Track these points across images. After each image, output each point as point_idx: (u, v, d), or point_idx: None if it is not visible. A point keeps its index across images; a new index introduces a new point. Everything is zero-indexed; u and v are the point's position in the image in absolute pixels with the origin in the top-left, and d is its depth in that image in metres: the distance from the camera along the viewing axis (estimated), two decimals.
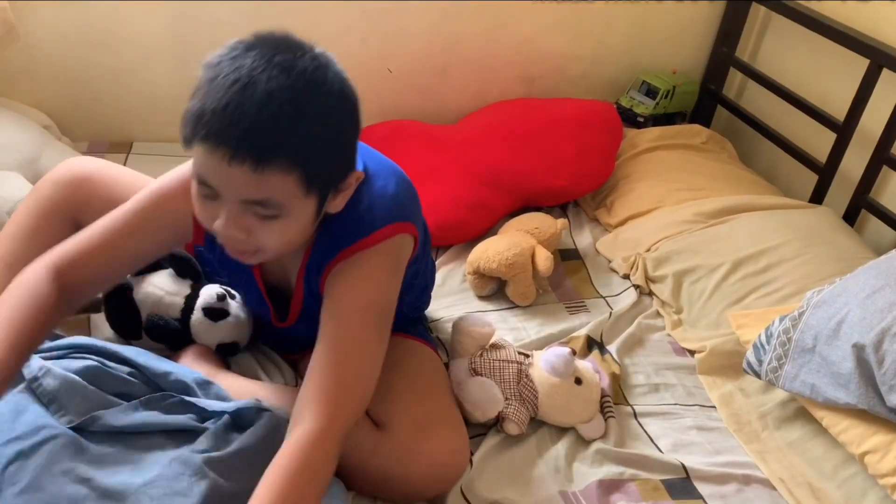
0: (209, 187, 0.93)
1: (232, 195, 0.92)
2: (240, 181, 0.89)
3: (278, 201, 0.92)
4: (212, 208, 0.95)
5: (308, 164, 0.91)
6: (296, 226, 0.97)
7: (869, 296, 1.26)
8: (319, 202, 0.98)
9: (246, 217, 0.94)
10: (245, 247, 0.98)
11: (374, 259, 1.06)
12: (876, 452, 1.20)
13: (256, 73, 0.87)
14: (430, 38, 2.13)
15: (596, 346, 1.53)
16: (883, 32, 1.81)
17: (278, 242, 0.98)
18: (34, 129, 1.81)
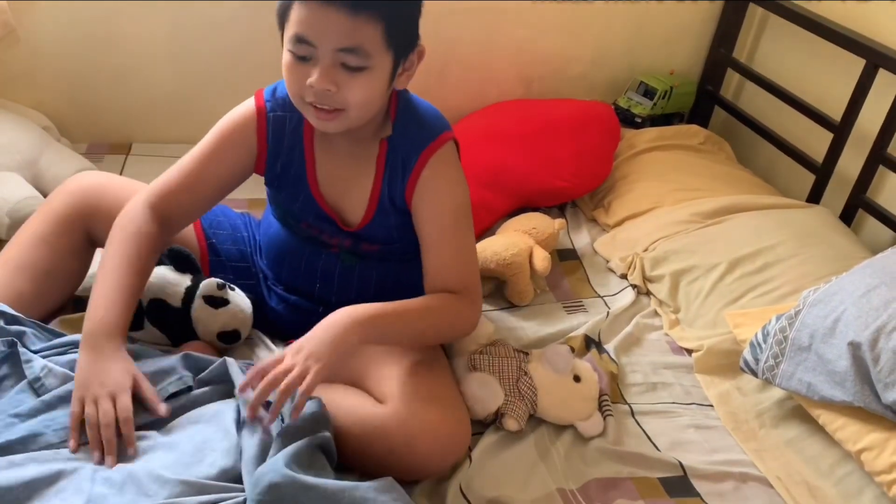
0: (307, 44, 1.07)
1: (328, 45, 1.06)
2: (337, 27, 1.05)
3: (367, 50, 1.07)
4: (304, 69, 1.09)
5: (392, 17, 1.07)
6: (377, 82, 1.11)
7: (864, 294, 1.27)
8: (394, 65, 1.13)
9: (337, 70, 1.08)
10: (333, 103, 1.11)
11: (449, 159, 1.24)
12: (872, 450, 1.21)
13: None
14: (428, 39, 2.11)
15: (594, 345, 1.53)
16: (879, 33, 1.82)
17: (361, 99, 1.11)
18: (34, 130, 1.82)
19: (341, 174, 1.28)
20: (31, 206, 1.55)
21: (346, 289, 1.35)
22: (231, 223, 1.48)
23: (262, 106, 1.26)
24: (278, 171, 1.29)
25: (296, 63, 1.10)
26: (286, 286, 1.40)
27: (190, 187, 1.25)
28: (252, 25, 1.96)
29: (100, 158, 1.96)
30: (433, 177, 1.22)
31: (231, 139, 1.26)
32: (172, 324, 1.31)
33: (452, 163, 1.26)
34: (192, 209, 1.30)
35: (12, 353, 1.07)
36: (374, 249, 1.32)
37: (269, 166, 1.29)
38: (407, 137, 1.22)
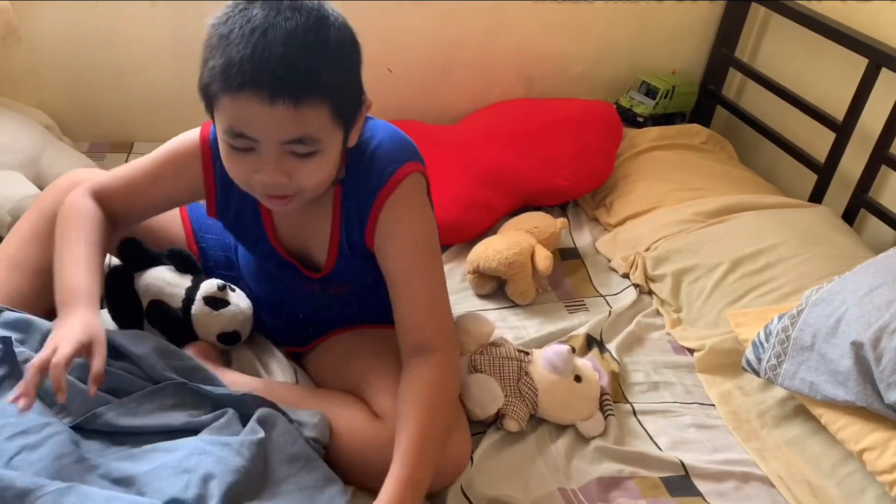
0: (246, 138, 0.97)
1: (272, 139, 0.97)
2: (280, 121, 0.94)
3: (315, 136, 0.98)
4: (247, 162, 1.00)
5: (336, 94, 0.98)
6: (329, 161, 1.03)
7: (867, 294, 1.26)
8: (344, 134, 1.04)
9: (286, 160, 0.99)
10: (286, 191, 1.03)
11: (411, 193, 1.14)
12: (874, 449, 1.20)
13: (271, 18, 0.93)
14: (430, 39, 2.14)
15: (595, 344, 1.53)
16: (882, 32, 1.81)
17: (315, 180, 1.03)
18: (35, 129, 1.82)
19: (298, 223, 1.21)
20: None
21: (329, 311, 1.33)
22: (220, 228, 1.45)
23: (207, 150, 1.17)
24: (232, 219, 1.23)
25: (235, 155, 1.00)
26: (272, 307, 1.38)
27: (130, 196, 1.21)
28: None
29: (101, 157, 1.96)
30: (391, 220, 1.13)
31: (175, 168, 1.19)
32: (172, 325, 1.30)
33: (411, 201, 1.15)
34: (131, 215, 1.25)
35: (8, 352, 1.07)
36: (346, 290, 1.29)
37: (221, 211, 1.23)
38: (360, 181, 1.13)
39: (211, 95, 0.97)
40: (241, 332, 1.33)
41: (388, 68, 2.13)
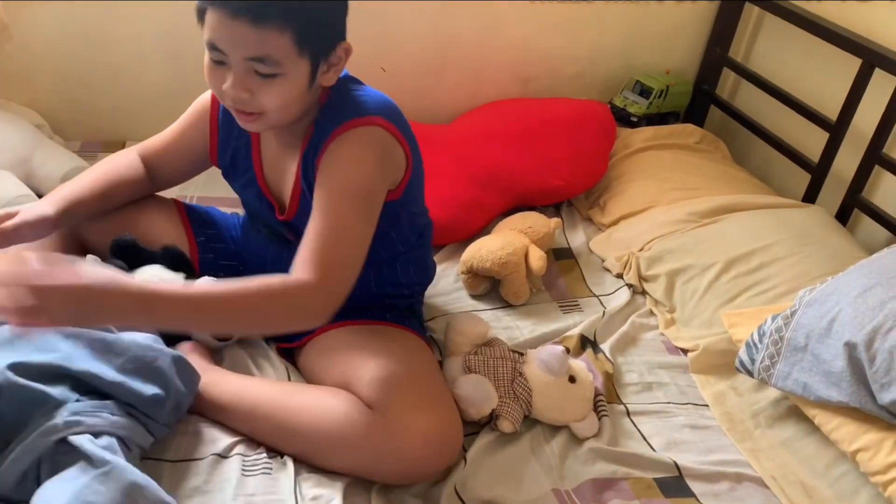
0: (218, 51, 1.08)
1: (237, 54, 1.06)
2: (242, 37, 1.04)
3: (276, 58, 1.06)
4: (220, 73, 1.10)
5: (301, 23, 1.06)
6: (293, 88, 1.11)
7: (860, 294, 1.26)
8: (312, 67, 1.11)
9: (249, 77, 1.08)
10: (250, 108, 1.11)
11: (361, 140, 1.17)
12: (867, 450, 1.21)
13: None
14: (424, 38, 2.13)
15: (589, 344, 1.53)
16: (875, 32, 1.82)
17: (277, 104, 1.11)
18: (26, 128, 1.81)
19: (278, 162, 1.29)
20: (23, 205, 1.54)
21: None
22: (220, 222, 1.48)
23: (215, 99, 1.31)
24: (228, 161, 1.35)
25: (213, 66, 1.11)
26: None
27: (165, 153, 1.37)
28: None
29: (93, 156, 1.94)
30: (336, 149, 1.16)
31: (191, 121, 1.35)
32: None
33: (367, 145, 1.17)
34: (169, 173, 1.40)
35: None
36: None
37: (221, 154, 1.35)
38: (328, 119, 1.20)
39: (200, 10, 1.09)
40: None
41: (382, 68, 2.12)
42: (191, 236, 1.42)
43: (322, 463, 1.15)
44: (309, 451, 1.15)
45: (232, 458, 1.14)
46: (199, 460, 1.13)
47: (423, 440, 1.11)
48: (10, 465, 0.95)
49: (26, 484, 0.96)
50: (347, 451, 1.12)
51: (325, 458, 1.14)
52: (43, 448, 0.94)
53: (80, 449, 0.94)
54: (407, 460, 1.11)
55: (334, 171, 1.16)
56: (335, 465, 1.14)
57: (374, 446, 1.11)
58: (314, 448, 1.15)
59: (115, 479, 0.91)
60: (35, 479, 0.96)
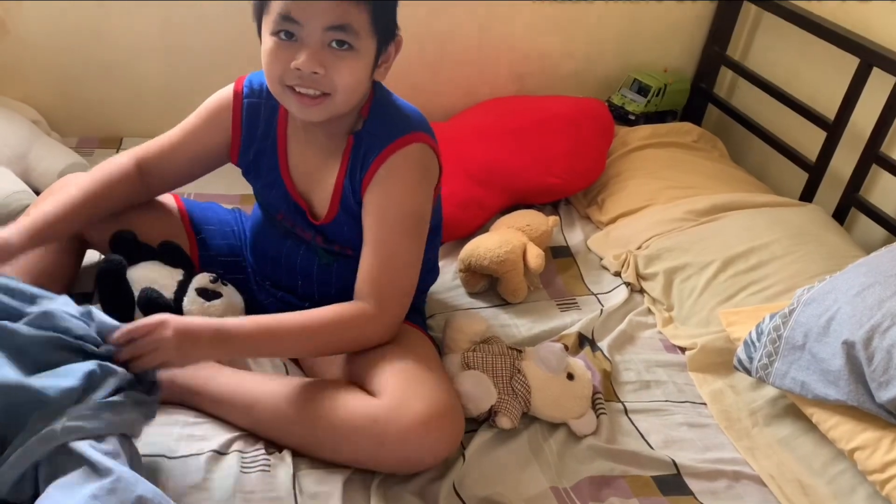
0: (293, 22, 1.07)
1: (316, 23, 1.07)
2: (325, 5, 1.06)
3: (355, 29, 1.08)
4: (289, 52, 1.09)
5: (377, 4, 1.10)
6: (362, 67, 1.13)
7: (858, 293, 1.27)
8: (377, 51, 1.15)
9: (324, 52, 1.09)
10: (319, 87, 1.11)
11: (413, 161, 1.21)
12: (865, 449, 1.21)
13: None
14: (421, 36, 2.13)
15: (587, 343, 1.53)
16: (873, 31, 1.82)
17: (348, 80, 1.12)
18: (23, 124, 1.80)
19: (311, 166, 1.28)
20: (20, 201, 1.54)
21: (327, 285, 1.34)
22: (220, 218, 1.48)
23: (239, 91, 1.29)
24: (251, 159, 1.32)
25: (280, 45, 1.10)
26: (272, 282, 1.40)
27: (168, 155, 1.32)
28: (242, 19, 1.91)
29: (90, 153, 1.94)
30: (388, 175, 1.19)
31: (208, 119, 1.31)
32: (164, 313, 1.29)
33: (415, 167, 1.22)
34: (169, 176, 1.36)
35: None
36: (347, 252, 1.30)
37: (243, 152, 1.32)
38: (374, 132, 1.20)
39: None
40: None
41: None
42: (190, 232, 1.42)
43: (324, 453, 1.15)
44: (311, 442, 1.15)
45: (230, 454, 1.13)
46: (198, 456, 1.12)
47: (425, 424, 1.11)
48: (7, 470, 0.93)
49: (23, 485, 0.94)
50: (350, 437, 1.12)
51: (328, 447, 1.14)
52: (41, 454, 0.93)
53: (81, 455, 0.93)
54: (408, 444, 1.10)
55: (388, 199, 1.19)
56: (337, 454, 1.14)
57: (379, 432, 1.10)
58: (316, 438, 1.14)
59: (122, 493, 0.89)
60: (33, 480, 0.94)
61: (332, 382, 1.20)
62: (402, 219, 1.20)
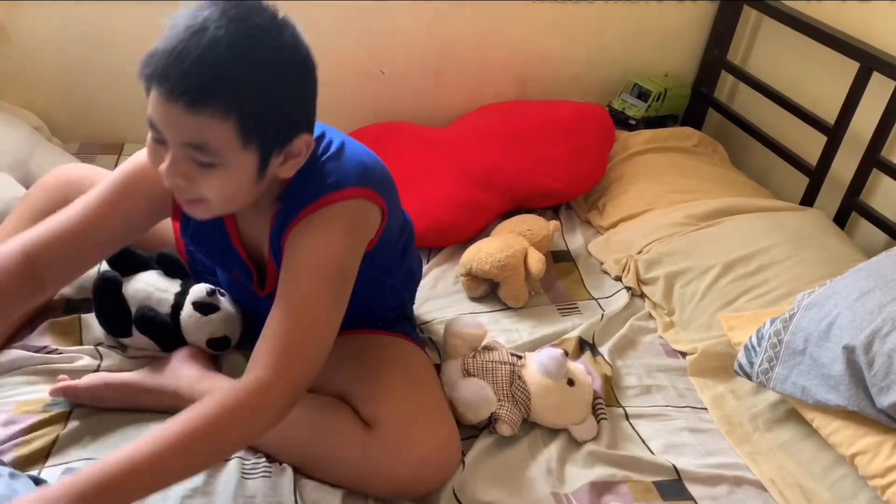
0: (156, 130, 0.95)
1: (172, 137, 0.94)
2: (177, 121, 0.92)
3: (214, 148, 0.93)
4: (160, 152, 0.97)
5: (245, 112, 0.92)
6: (235, 180, 0.98)
7: (859, 298, 1.27)
8: (261, 160, 0.98)
9: (186, 163, 0.96)
10: (188, 195, 0.99)
11: (333, 219, 1.05)
12: (866, 454, 1.21)
13: (210, 21, 0.91)
14: (423, 40, 2.13)
15: (588, 347, 1.53)
16: (873, 36, 1.82)
17: (218, 195, 0.98)
18: (24, 130, 1.81)
19: (253, 236, 1.17)
20: None
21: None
22: None
23: None
24: (196, 228, 1.18)
25: (152, 145, 0.98)
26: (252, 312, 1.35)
27: (79, 242, 1.10)
28: None
29: (91, 159, 1.94)
30: (303, 233, 1.05)
31: (139, 184, 1.11)
32: (161, 331, 1.29)
33: (337, 223, 1.05)
34: (76, 265, 1.15)
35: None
36: None
37: (185, 221, 1.18)
38: (293, 197, 1.06)
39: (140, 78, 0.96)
40: (230, 338, 1.32)
41: (381, 70, 2.13)
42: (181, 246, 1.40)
43: (317, 476, 1.15)
44: (305, 464, 1.15)
45: (231, 461, 1.14)
46: None
47: (420, 460, 1.11)
48: None
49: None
50: (343, 467, 1.12)
51: (321, 471, 1.14)
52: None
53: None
54: (402, 479, 1.11)
55: (300, 257, 1.04)
56: (330, 478, 1.14)
57: (370, 465, 1.11)
58: (310, 461, 1.15)
59: None
60: None
61: (329, 403, 1.19)
62: (317, 270, 1.03)
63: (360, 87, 2.12)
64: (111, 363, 1.30)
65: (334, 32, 2.01)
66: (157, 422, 1.18)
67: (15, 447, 1.11)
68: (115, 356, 1.32)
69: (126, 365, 1.30)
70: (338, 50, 2.03)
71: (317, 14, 1.97)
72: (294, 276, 1.03)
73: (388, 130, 2.02)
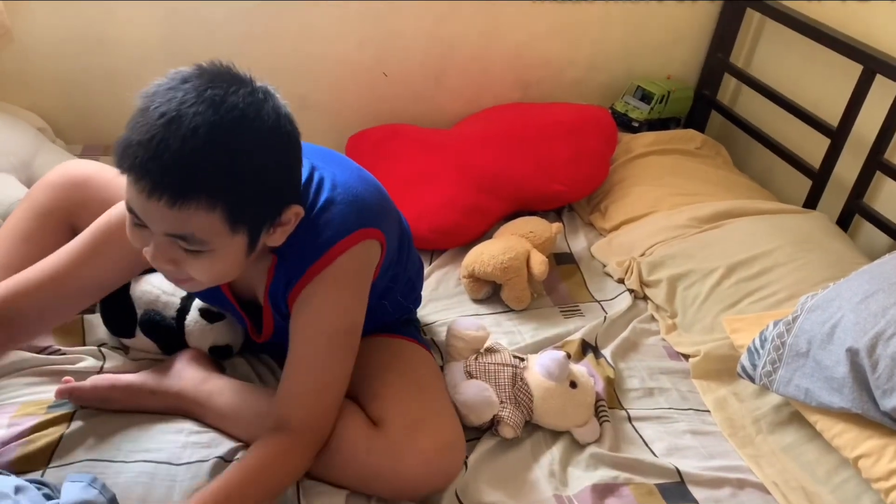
0: (137, 217, 0.93)
1: (156, 228, 0.92)
2: (160, 215, 0.89)
3: (201, 238, 0.92)
4: (142, 236, 0.95)
5: (232, 201, 0.90)
6: (225, 261, 0.97)
7: (862, 300, 1.26)
8: (251, 238, 0.97)
9: (172, 249, 0.94)
10: (177, 276, 0.99)
11: (340, 276, 1.06)
12: (870, 457, 1.20)
13: (185, 106, 0.86)
14: (425, 43, 2.13)
15: (591, 349, 1.53)
16: (876, 38, 1.82)
17: (208, 276, 0.98)
18: (28, 131, 1.81)
19: (248, 282, 1.16)
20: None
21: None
22: None
23: None
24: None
25: (133, 227, 0.95)
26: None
27: (53, 293, 1.08)
28: (246, 27, 1.96)
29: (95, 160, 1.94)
30: (312, 294, 1.06)
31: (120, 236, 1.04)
32: (165, 335, 1.29)
33: (342, 279, 1.07)
34: (49, 316, 1.12)
35: None
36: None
37: None
38: (296, 250, 1.05)
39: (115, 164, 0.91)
40: (233, 346, 1.33)
41: (384, 72, 2.13)
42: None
43: (321, 475, 1.15)
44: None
45: (235, 461, 1.14)
46: (202, 462, 1.13)
47: (424, 461, 1.11)
48: None
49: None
50: (347, 467, 1.12)
51: (325, 471, 1.14)
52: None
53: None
54: (406, 480, 1.11)
55: (312, 318, 1.07)
56: (334, 478, 1.14)
57: (374, 465, 1.11)
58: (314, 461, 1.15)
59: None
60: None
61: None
62: (335, 339, 1.09)
63: (362, 89, 2.12)
64: (114, 365, 1.30)
65: (337, 35, 2.02)
66: (160, 423, 1.19)
67: (18, 447, 1.11)
68: (119, 357, 1.32)
69: (129, 367, 1.30)
70: (340, 52, 2.03)
71: (319, 17, 1.98)
72: (308, 338, 1.08)
73: (390, 133, 2.02)
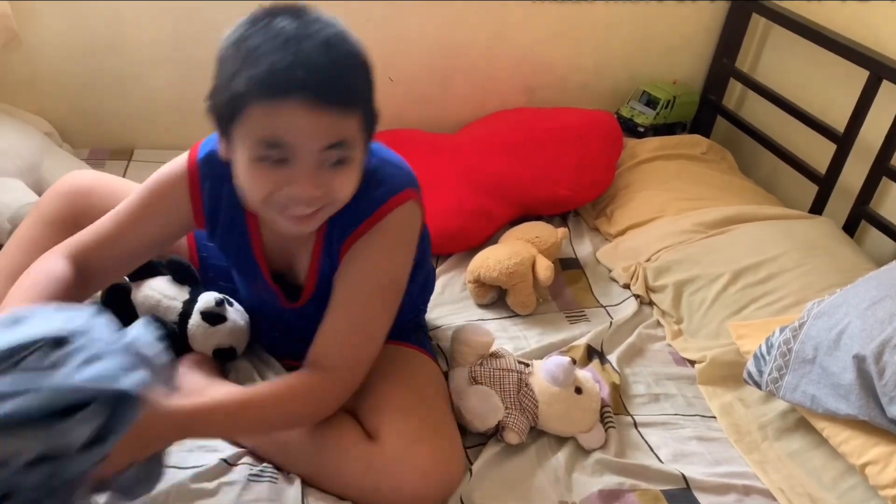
0: (282, 148, 0.94)
1: (312, 147, 0.94)
2: (325, 127, 0.93)
3: (351, 140, 0.97)
4: (277, 175, 0.96)
5: (367, 105, 0.99)
6: (356, 174, 1.02)
7: (869, 307, 1.26)
8: (365, 149, 1.03)
9: (321, 171, 0.97)
10: (317, 205, 1.00)
11: (390, 231, 1.10)
12: (876, 464, 1.20)
13: (301, 29, 0.91)
14: (431, 47, 2.14)
15: (596, 355, 1.52)
16: (882, 44, 1.82)
17: (348, 191, 1.02)
18: (35, 135, 1.82)
19: (286, 248, 1.19)
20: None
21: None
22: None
23: (194, 173, 1.13)
24: (220, 242, 1.21)
25: (266, 170, 0.96)
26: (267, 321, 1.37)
27: (115, 247, 1.13)
28: None
29: (101, 164, 1.96)
30: (368, 245, 1.09)
31: (165, 195, 1.14)
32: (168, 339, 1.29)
33: (399, 232, 1.12)
34: (115, 266, 1.16)
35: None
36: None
37: (212, 226, 1.18)
38: (353, 201, 1.06)
39: (239, 108, 0.92)
40: (236, 348, 1.33)
41: (389, 77, 2.13)
42: (193, 251, 1.40)
43: (321, 487, 1.15)
44: (311, 476, 1.15)
45: (239, 465, 1.14)
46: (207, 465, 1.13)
47: (422, 476, 1.11)
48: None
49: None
50: (347, 481, 1.13)
51: (325, 483, 1.14)
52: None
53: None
54: (405, 494, 1.11)
55: (367, 267, 1.10)
56: (335, 491, 1.14)
57: (372, 479, 1.11)
58: (315, 474, 1.15)
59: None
60: None
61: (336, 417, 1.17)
62: (381, 290, 1.12)
63: None
64: None
65: None
66: None
67: None
68: None
69: None
70: None
71: None
72: (354, 285, 1.10)
73: (395, 137, 2.01)
